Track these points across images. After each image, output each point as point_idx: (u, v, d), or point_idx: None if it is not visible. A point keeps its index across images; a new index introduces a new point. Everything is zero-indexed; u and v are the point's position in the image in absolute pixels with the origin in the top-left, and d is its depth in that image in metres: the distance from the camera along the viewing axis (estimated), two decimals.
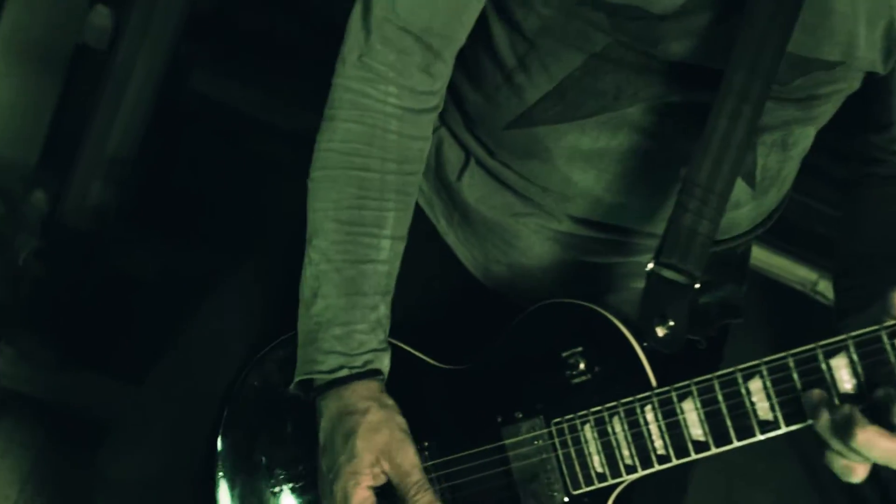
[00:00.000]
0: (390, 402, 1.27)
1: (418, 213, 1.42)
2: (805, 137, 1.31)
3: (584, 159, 1.28)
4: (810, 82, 1.21)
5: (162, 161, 2.34)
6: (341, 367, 1.27)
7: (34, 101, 2.39)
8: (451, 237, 1.44)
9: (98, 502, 1.54)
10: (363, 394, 1.26)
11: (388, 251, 1.29)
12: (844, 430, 0.99)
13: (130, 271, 2.32)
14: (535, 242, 1.36)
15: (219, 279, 1.55)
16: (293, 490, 1.38)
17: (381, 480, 1.24)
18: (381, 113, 1.27)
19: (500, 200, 1.36)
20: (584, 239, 1.35)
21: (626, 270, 1.38)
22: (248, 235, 1.64)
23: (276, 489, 1.39)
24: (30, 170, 2.38)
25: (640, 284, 1.22)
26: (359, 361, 1.27)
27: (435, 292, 1.47)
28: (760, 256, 2.62)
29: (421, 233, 1.43)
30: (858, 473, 1.03)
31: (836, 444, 1.01)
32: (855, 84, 1.25)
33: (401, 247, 1.33)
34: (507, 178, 1.34)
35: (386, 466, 1.23)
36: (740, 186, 1.29)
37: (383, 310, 1.30)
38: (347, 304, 1.28)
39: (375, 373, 1.28)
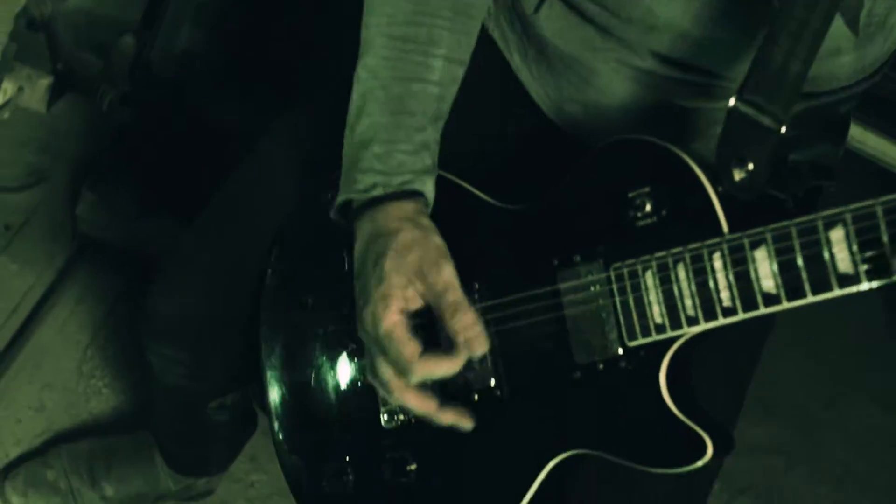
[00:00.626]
0: (427, 222, 1.18)
1: (492, 47, 1.34)
2: None
3: None
4: None
5: (252, 14, 2.28)
6: (376, 185, 1.18)
7: None
8: (525, 73, 1.34)
9: (145, 334, 1.53)
10: (397, 214, 1.17)
11: (440, 71, 1.21)
12: None
13: (213, 120, 2.28)
14: (613, 80, 1.26)
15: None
16: (336, 331, 1.33)
17: (417, 304, 1.15)
18: None
19: (580, 34, 1.25)
20: (666, 79, 1.24)
21: (710, 117, 1.26)
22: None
23: (320, 330, 1.34)
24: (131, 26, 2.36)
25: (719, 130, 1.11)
26: (396, 181, 1.18)
27: (504, 130, 1.38)
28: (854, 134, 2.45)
29: (494, 68, 1.35)
30: None
31: None
32: None
33: (459, 71, 1.24)
34: (586, 10, 1.23)
35: (420, 288, 1.14)
36: (842, 31, 1.16)
37: (431, 133, 1.21)
38: (392, 122, 1.19)
39: (413, 194, 1.19)
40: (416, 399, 1.17)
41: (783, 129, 1.09)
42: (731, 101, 1.09)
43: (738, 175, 1.08)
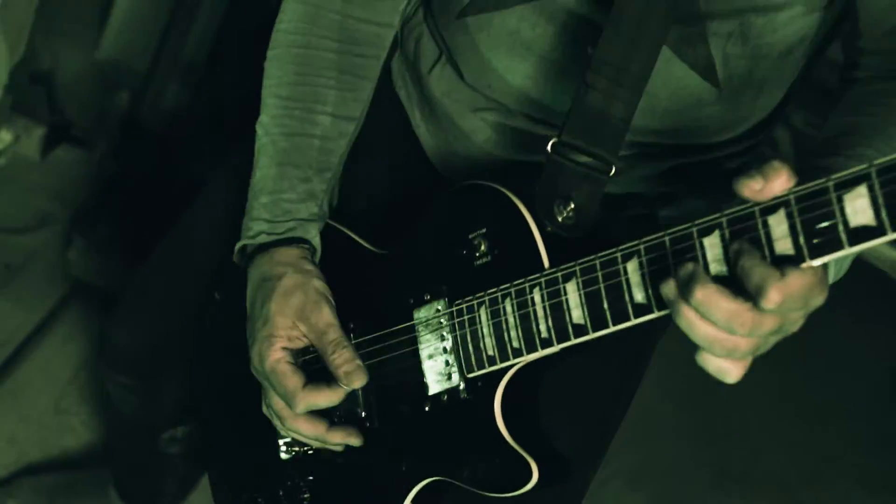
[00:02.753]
0: (310, 267, 1.27)
1: (397, 104, 1.44)
2: (771, 32, 1.20)
3: (525, 47, 1.25)
4: None
5: (233, 69, 2.41)
6: (262, 233, 1.28)
7: (148, 13, 2.51)
8: (422, 129, 1.43)
9: (102, 363, 1.64)
10: (281, 260, 1.27)
11: (324, 127, 1.31)
12: (687, 289, 0.91)
13: (197, 173, 2.40)
14: (489, 136, 1.34)
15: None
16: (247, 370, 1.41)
17: (300, 343, 1.25)
18: None
19: (464, 95, 1.35)
20: (533, 136, 1.32)
21: None
22: None
23: (235, 368, 1.41)
24: (139, 78, 2.50)
25: None
26: (280, 228, 1.28)
27: (399, 183, 1.46)
28: None
29: (396, 124, 1.44)
30: (732, 372, 0.94)
31: (684, 316, 0.93)
32: None
33: (347, 126, 1.33)
34: (463, 72, 1.33)
35: (303, 328, 1.24)
36: (701, 84, 1.22)
37: (318, 184, 1.31)
38: (278, 173, 1.30)
39: (297, 240, 1.29)
40: (305, 424, 1.26)
41: (612, 172, 1.15)
42: (550, 143, 1.15)
43: (560, 215, 1.13)
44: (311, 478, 1.36)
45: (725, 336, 0.91)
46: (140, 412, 1.68)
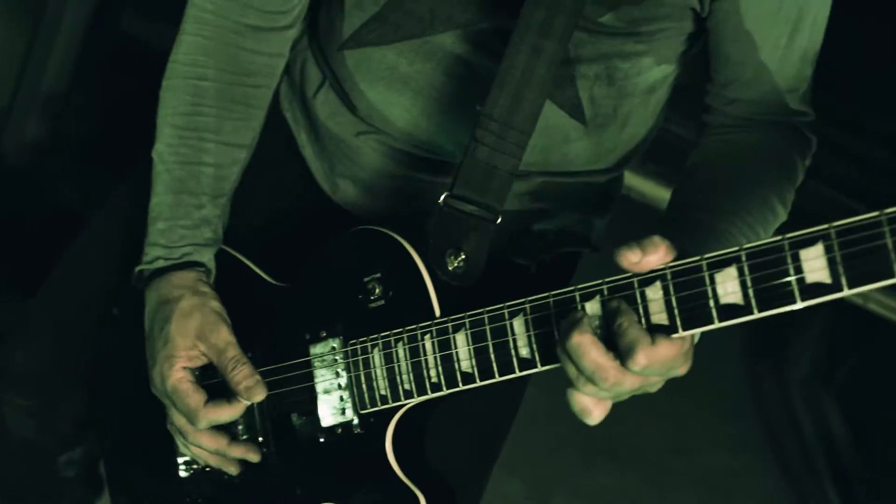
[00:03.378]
0: (206, 289, 1.31)
1: (284, 126, 1.47)
2: (636, 74, 1.29)
3: (402, 82, 1.30)
4: (624, 17, 1.20)
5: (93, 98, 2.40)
6: (158, 259, 1.32)
7: (3, 48, 2.44)
8: (308, 150, 1.47)
9: None
10: (178, 283, 1.30)
11: (217, 155, 1.34)
12: (566, 332, 0.99)
13: (67, 205, 2.39)
14: (374, 159, 1.39)
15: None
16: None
17: (200, 362, 1.29)
18: (220, 27, 1.33)
19: (346, 119, 1.39)
20: (416, 158, 1.37)
21: None
22: None
23: (136, 389, 1.43)
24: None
25: None
26: (176, 254, 1.32)
27: (289, 206, 1.50)
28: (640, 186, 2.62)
29: (284, 146, 1.48)
30: (593, 414, 1.02)
31: (562, 355, 1.01)
32: (686, 24, 1.24)
33: (239, 154, 1.37)
34: (347, 100, 1.37)
35: (202, 347, 1.28)
36: (568, 122, 1.29)
37: (212, 209, 1.35)
38: (174, 201, 1.33)
39: (193, 264, 1.32)
40: (207, 438, 1.30)
41: (499, 220, 1.22)
42: (443, 197, 1.21)
43: (452, 264, 1.19)
44: (209, 496, 1.40)
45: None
46: (36, 434, 1.67)
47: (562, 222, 1.45)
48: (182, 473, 1.41)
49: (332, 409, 1.26)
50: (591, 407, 1.02)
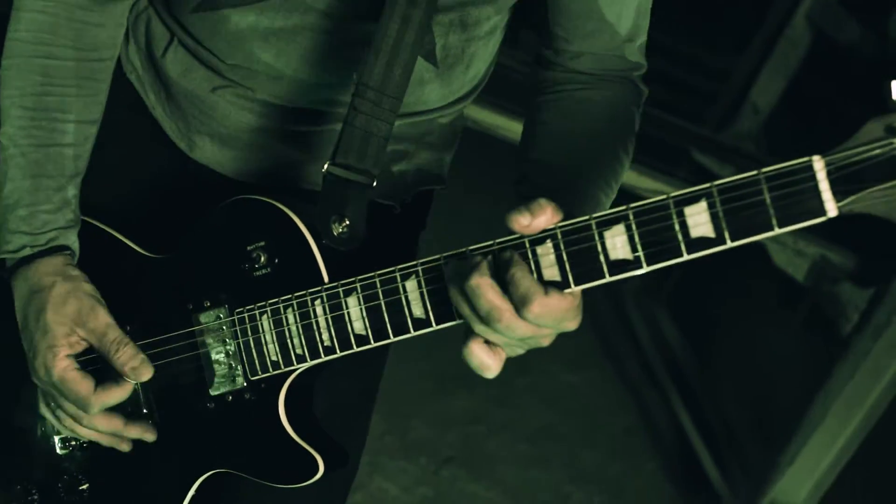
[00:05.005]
0: (76, 272, 1.29)
1: (128, 89, 1.43)
2: (486, 19, 1.32)
3: (263, 38, 1.29)
4: None
5: None
6: (24, 247, 1.28)
7: None
8: (158, 111, 1.43)
9: None
10: (47, 270, 1.27)
11: (73, 134, 1.31)
12: (465, 274, 1.02)
13: None
14: (231, 112, 1.37)
15: None
16: (7, 377, 1.40)
17: (81, 347, 1.27)
18: (63, 3, 1.29)
19: (199, 75, 1.37)
20: (280, 109, 1.36)
21: (325, 138, 1.39)
22: None
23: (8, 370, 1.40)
24: None
25: None
26: (42, 240, 1.29)
27: (145, 170, 1.46)
28: (477, 116, 2.72)
29: (129, 108, 1.43)
30: (490, 367, 1.06)
31: (460, 301, 1.04)
32: None
33: (92, 129, 1.34)
34: (202, 56, 1.35)
35: (82, 333, 1.26)
36: (422, 65, 1.31)
37: (72, 191, 1.31)
38: (32, 185, 1.29)
39: (60, 249, 1.29)
40: (103, 421, 1.29)
41: (374, 184, 1.24)
42: (325, 166, 1.22)
43: (337, 230, 1.21)
44: (90, 470, 1.39)
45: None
46: None
47: (418, 161, 1.47)
48: (59, 451, 1.40)
49: (220, 377, 1.27)
50: (488, 360, 1.06)
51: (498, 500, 2.90)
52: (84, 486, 1.40)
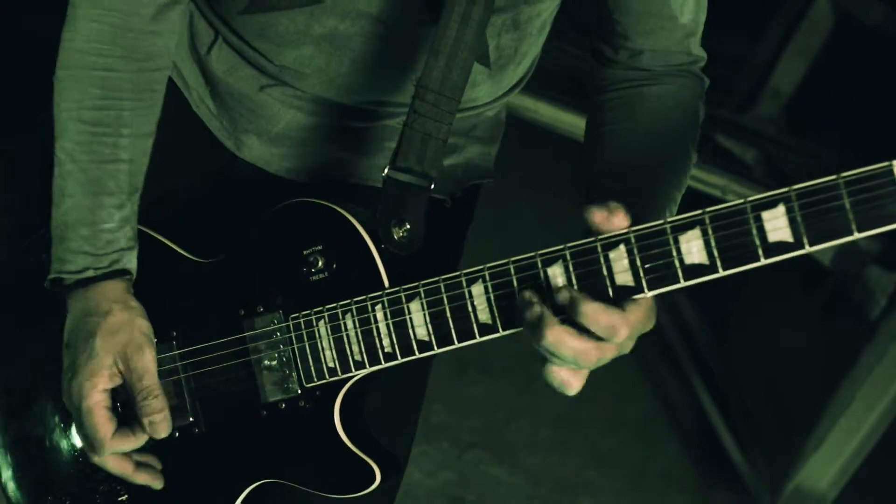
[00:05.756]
0: (135, 304, 1.27)
1: (170, 87, 1.39)
2: (537, 15, 1.31)
3: (313, 43, 1.28)
4: None
5: None
6: (87, 269, 1.26)
7: None
8: (203, 109, 1.42)
9: None
10: (108, 295, 1.26)
11: (130, 150, 1.29)
12: (536, 330, 1.01)
13: None
14: (280, 110, 1.35)
15: None
16: (42, 388, 1.39)
17: (117, 381, 1.26)
18: (120, 12, 1.26)
19: (245, 73, 1.35)
20: (330, 106, 1.35)
21: (381, 134, 1.38)
22: None
23: (34, 380, 1.40)
24: None
25: (394, 145, 1.22)
26: (105, 262, 1.27)
27: (191, 171, 1.44)
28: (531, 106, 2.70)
29: (174, 108, 1.41)
30: (573, 385, 1.05)
31: (539, 347, 1.03)
32: None
33: (148, 143, 1.31)
34: (248, 56, 1.33)
35: (122, 367, 1.25)
36: (476, 67, 1.30)
37: (130, 207, 1.29)
38: (94, 203, 1.27)
39: (122, 273, 1.28)
40: (114, 463, 1.29)
41: (432, 186, 1.22)
42: (386, 171, 1.21)
43: (397, 234, 1.20)
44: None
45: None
46: None
47: (467, 155, 1.46)
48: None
49: (273, 384, 1.25)
50: (572, 379, 1.04)
51: (521, 484, 2.89)
52: (123, 497, 1.37)
